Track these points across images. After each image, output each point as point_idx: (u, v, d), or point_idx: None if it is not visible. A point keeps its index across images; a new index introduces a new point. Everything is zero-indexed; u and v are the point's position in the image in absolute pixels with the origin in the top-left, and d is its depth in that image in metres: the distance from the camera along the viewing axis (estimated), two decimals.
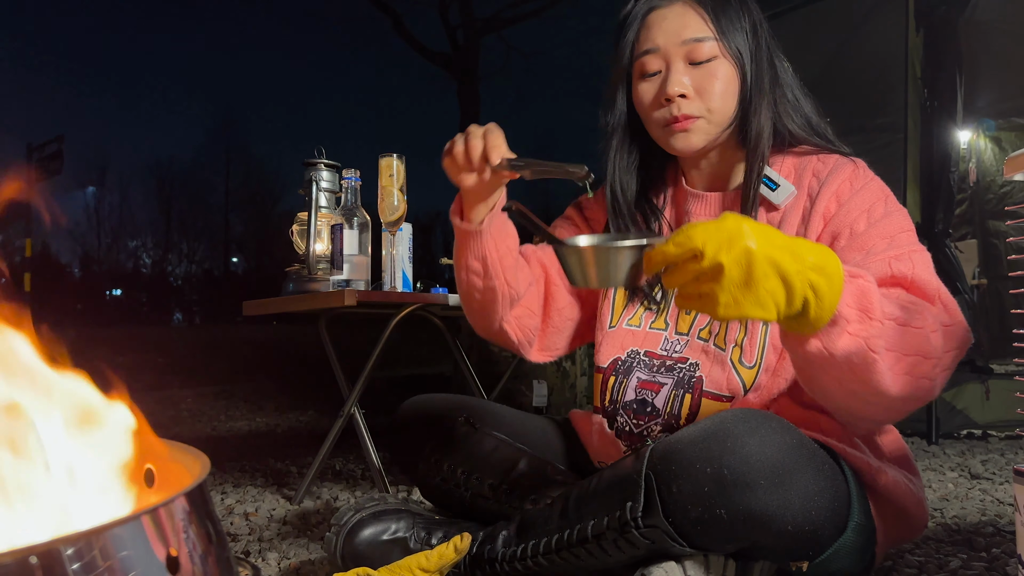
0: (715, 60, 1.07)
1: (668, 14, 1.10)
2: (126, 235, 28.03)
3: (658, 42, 1.09)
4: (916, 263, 0.94)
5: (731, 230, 0.70)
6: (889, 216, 1.00)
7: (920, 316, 0.83)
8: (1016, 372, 1.14)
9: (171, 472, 0.74)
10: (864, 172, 1.06)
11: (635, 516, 0.86)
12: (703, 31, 1.07)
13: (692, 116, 1.08)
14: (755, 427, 0.84)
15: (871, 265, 0.94)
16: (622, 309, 1.20)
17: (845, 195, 1.03)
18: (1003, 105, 3.93)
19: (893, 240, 0.97)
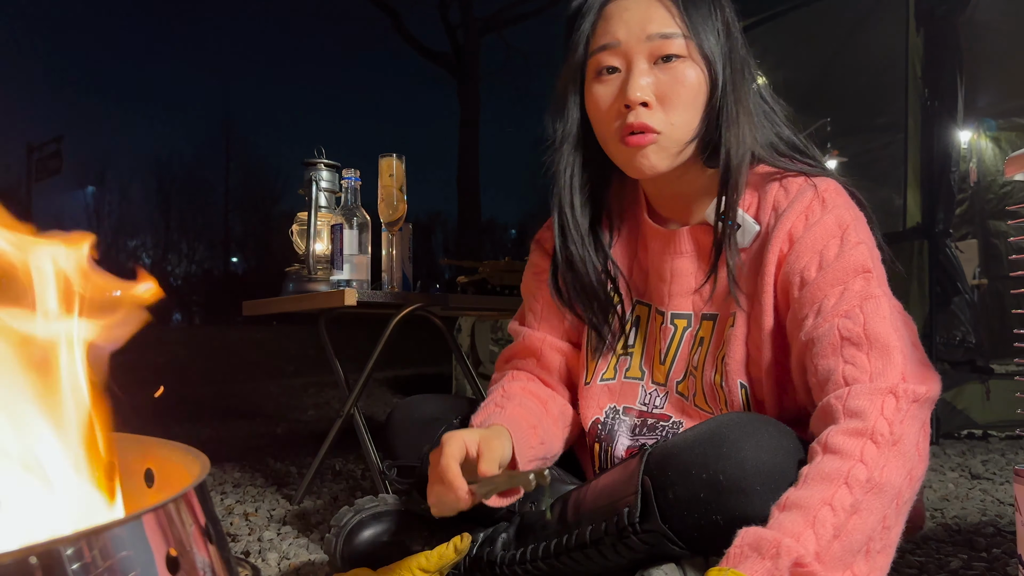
0: (683, 61, 0.94)
1: (630, 4, 0.95)
2: (126, 235, 28.05)
3: (618, 35, 0.94)
4: (867, 315, 0.85)
5: None
6: (844, 256, 0.88)
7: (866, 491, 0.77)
8: (1016, 372, 1.14)
9: (171, 472, 0.74)
10: (824, 201, 0.92)
11: (633, 521, 0.86)
12: (671, 26, 0.93)
13: (651, 129, 0.93)
14: (751, 432, 0.83)
15: (820, 332, 0.86)
16: (595, 362, 1.09)
17: (798, 232, 0.92)
18: (1003, 105, 3.94)
19: (845, 291, 0.87)
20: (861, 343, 0.84)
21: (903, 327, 0.87)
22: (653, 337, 1.07)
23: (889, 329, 0.84)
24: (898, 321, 0.87)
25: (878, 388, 0.81)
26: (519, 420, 1.00)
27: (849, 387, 0.82)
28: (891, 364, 0.82)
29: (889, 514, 0.77)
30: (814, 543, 0.73)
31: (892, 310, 0.87)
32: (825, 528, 0.74)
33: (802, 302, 0.90)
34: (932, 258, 2.88)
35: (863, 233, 0.92)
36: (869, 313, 0.85)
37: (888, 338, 0.84)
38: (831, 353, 0.85)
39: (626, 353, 1.09)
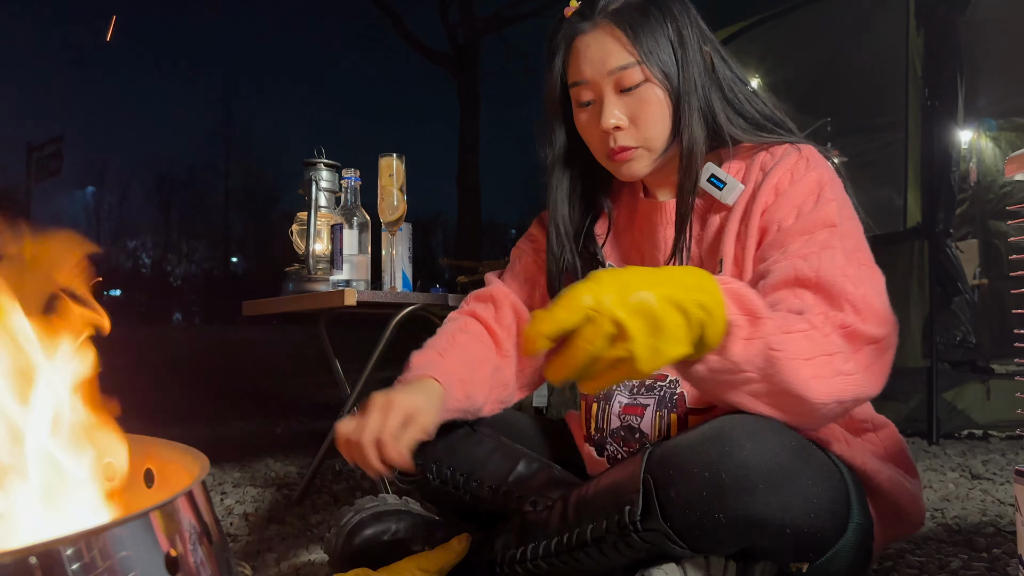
0: (643, 85, 1.06)
1: (591, 42, 1.08)
2: (126, 235, 28.04)
3: (586, 74, 1.08)
4: (823, 262, 0.90)
5: (616, 283, 0.71)
6: (817, 210, 0.97)
7: (805, 319, 0.83)
8: (1017, 372, 1.14)
9: (171, 472, 0.74)
10: (808, 161, 1.03)
11: (634, 520, 0.86)
12: (625, 58, 1.05)
13: (629, 147, 1.07)
14: (752, 431, 0.83)
15: (779, 266, 0.92)
16: None
17: (784, 186, 1.01)
18: (1004, 105, 3.94)
19: (811, 238, 0.94)
20: (810, 285, 0.89)
21: (863, 280, 0.90)
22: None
23: (841, 278, 0.88)
24: (853, 271, 0.90)
25: (827, 321, 0.85)
26: (452, 373, 1.08)
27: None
28: (837, 307, 0.87)
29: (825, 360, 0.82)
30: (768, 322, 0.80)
31: (849, 263, 0.91)
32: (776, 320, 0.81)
33: (771, 245, 0.98)
34: (932, 258, 2.88)
35: (838, 192, 1.00)
36: (825, 261, 0.90)
37: (840, 285, 0.88)
38: (783, 286, 0.91)
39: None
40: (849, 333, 0.85)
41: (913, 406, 2.87)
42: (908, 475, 1.05)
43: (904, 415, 2.89)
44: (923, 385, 2.81)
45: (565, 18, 1.13)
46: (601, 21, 1.08)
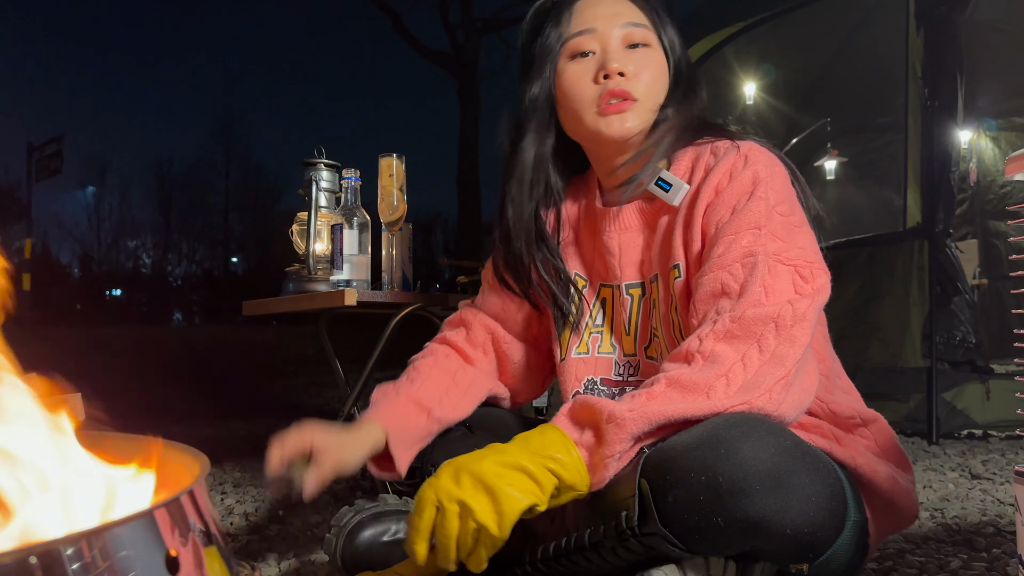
0: (649, 48, 1.08)
1: (600, 1, 1.10)
2: (126, 235, 28.04)
3: (594, 23, 1.08)
4: (744, 271, 0.94)
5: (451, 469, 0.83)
6: (746, 211, 0.98)
7: (666, 379, 0.88)
8: (1017, 372, 1.14)
9: (171, 472, 0.74)
10: (746, 158, 1.02)
11: (631, 525, 0.85)
12: (640, 17, 1.08)
13: (631, 95, 1.05)
14: (748, 432, 0.83)
15: (704, 281, 0.96)
16: (568, 340, 1.18)
17: (723, 184, 1.02)
18: (1004, 105, 3.95)
19: (732, 243, 0.96)
20: (732, 295, 0.94)
21: (776, 278, 0.93)
22: (617, 313, 1.15)
23: (757, 285, 0.92)
24: (768, 277, 0.93)
25: (711, 322, 0.92)
26: (406, 408, 1.11)
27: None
28: (739, 305, 0.92)
29: (694, 399, 0.87)
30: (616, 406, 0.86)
31: (767, 264, 0.94)
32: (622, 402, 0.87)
33: (708, 248, 1.00)
34: (932, 258, 2.88)
35: (772, 187, 1.00)
36: (747, 271, 0.94)
37: (751, 291, 0.92)
38: (709, 300, 0.96)
39: (597, 332, 1.17)
40: (741, 323, 0.90)
41: (913, 406, 2.87)
42: (901, 469, 1.05)
43: (904, 415, 2.89)
44: (923, 385, 2.81)
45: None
46: None
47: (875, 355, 3.02)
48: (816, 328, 1.05)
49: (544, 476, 0.84)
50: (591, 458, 0.87)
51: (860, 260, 3.15)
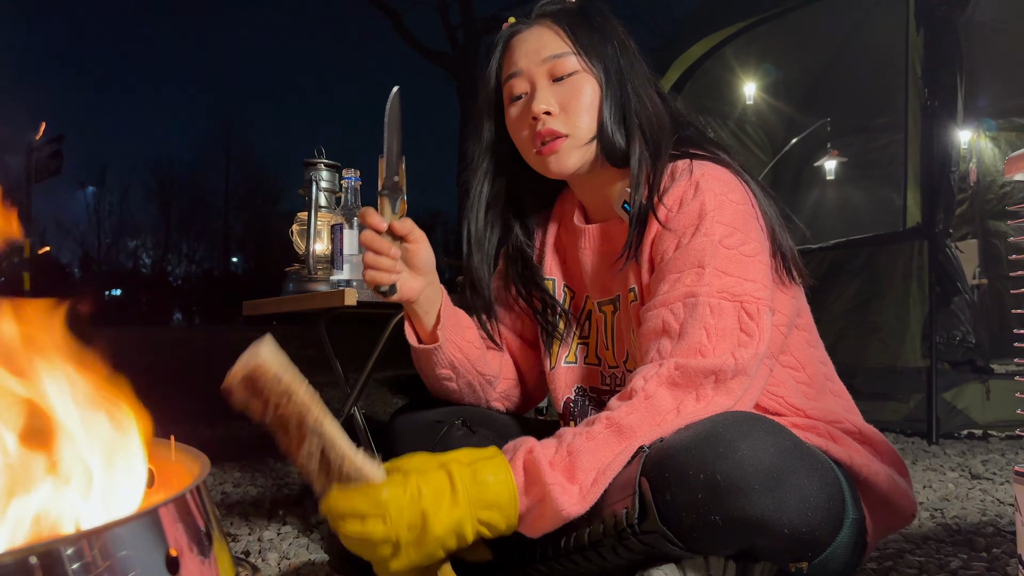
0: (577, 75, 1.08)
1: (527, 37, 1.11)
2: (126, 235, 28.04)
3: (520, 65, 1.10)
4: (686, 311, 0.94)
5: (411, 500, 0.82)
6: (690, 247, 0.97)
7: (605, 418, 0.89)
8: (1017, 372, 1.14)
9: (171, 472, 0.74)
10: (696, 185, 1.00)
11: (631, 524, 0.86)
12: (561, 47, 1.08)
13: (558, 133, 1.07)
14: (747, 431, 0.83)
15: (648, 317, 0.97)
16: (556, 350, 1.21)
17: (671, 213, 1.01)
18: (1003, 105, 3.95)
19: (677, 282, 0.96)
20: (673, 335, 0.94)
21: (720, 319, 0.93)
22: (596, 327, 1.18)
23: (698, 327, 0.93)
24: (710, 318, 0.93)
25: (656, 363, 0.92)
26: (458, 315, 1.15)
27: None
28: (681, 349, 0.93)
29: (626, 446, 0.88)
30: (552, 452, 0.87)
31: (709, 304, 0.93)
32: (563, 447, 0.87)
33: (652, 282, 1.01)
34: (932, 258, 2.88)
35: (719, 219, 0.98)
36: (688, 312, 0.94)
37: (692, 334, 0.93)
38: (652, 338, 0.96)
39: (583, 343, 1.20)
40: (683, 370, 0.90)
41: (913, 406, 2.87)
42: (895, 469, 1.06)
43: (904, 415, 2.89)
44: (923, 385, 2.81)
45: (501, 30, 1.16)
46: (538, 20, 1.12)
47: (875, 355, 3.02)
48: (794, 336, 1.07)
49: (471, 538, 0.85)
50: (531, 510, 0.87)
51: (860, 260, 3.15)
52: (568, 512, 0.84)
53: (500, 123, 1.17)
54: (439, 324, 1.11)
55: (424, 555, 0.83)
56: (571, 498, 0.84)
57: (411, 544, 0.82)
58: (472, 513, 0.84)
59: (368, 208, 1.05)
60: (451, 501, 0.83)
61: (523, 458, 0.87)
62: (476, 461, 0.87)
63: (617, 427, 0.88)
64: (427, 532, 0.82)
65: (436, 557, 0.85)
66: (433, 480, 0.84)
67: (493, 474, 0.86)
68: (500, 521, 0.86)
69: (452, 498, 0.84)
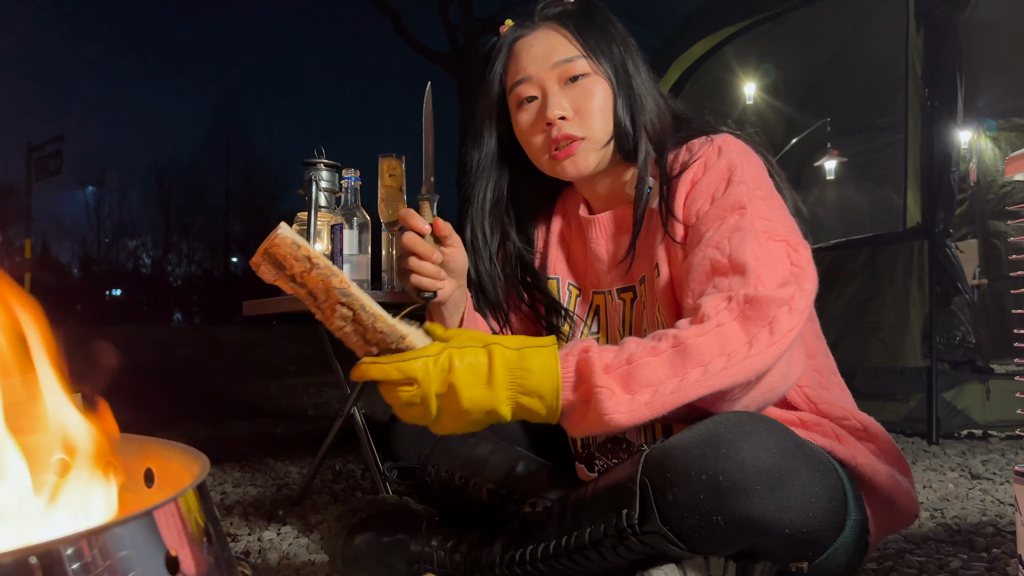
0: (588, 77, 1.08)
1: (534, 41, 1.11)
2: (126, 235, 28.02)
3: (529, 70, 1.10)
4: (733, 246, 0.94)
5: (440, 371, 0.82)
6: (727, 195, 0.99)
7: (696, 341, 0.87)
8: (1017, 372, 1.14)
9: (171, 472, 0.74)
10: (719, 149, 1.04)
11: (632, 524, 0.86)
12: (570, 51, 1.09)
13: (574, 137, 1.08)
14: (749, 431, 0.83)
15: (696, 261, 0.96)
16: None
17: (699, 176, 1.03)
18: (1004, 105, 3.95)
19: (722, 223, 0.97)
20: (725, 271, 0.93)
21: (769, 253, 0.94)
22: (612, 319, 1.17)
23: (748, 256, 0.92)
24: (761, 250, 0.93)
25: (723, 296, 0.91)
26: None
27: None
28: (747, 284, 0.91)
29: (690, 373, 0.85)
30: (611, 357, 0.86)
31: (758, 241, 0.94)
32: (623, 354, 0.86)
33: (692, 236, 1.01)
34: (932, 258, 2.88)
35: (748, 173, 1.01)
36: (735, 245, 0.94)
37: (749, 264, 0.92)
38: (704, 280, 0.95)
39: (593, 339, 1.13)
40: (753, 302, 0.88)
41: (913, 406, 2.87)
42: (899, 470, 1.05)
43: (904, 415, 2.89)
44: (923, 385, 2.81)
45: (500, 34, 1.16)
46: (542, 23, 1.12)
47: (875, 355, 3.02)
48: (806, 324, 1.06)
49: (507, 417, 0.86)
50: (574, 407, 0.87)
51: (860, 260, 3.15)
52: (612, 418, 0.83)
53: (503, 130, 1.17)
54: (462, 325, 1.12)
55: (464, 423, 0.85)
56: (619, 405, 0.83)
57: (446, 413, 0.84)
58: (510, 396, 0.85)
59: (409, 210, 1.05)
60: (485, 380, 0.84)
61: (577, 356, 0.87)
62: (525, 347, 0.87)
63: (683, 347, 0.86)
64: (458, 405, 0.83)
65: (478, 425, 0.86)
66: (469, 356, 0.84)
67: (540, 363, 0.85)
68: (540, 409, 0.86)
69: (487, 377, 0.84)
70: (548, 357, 0.86)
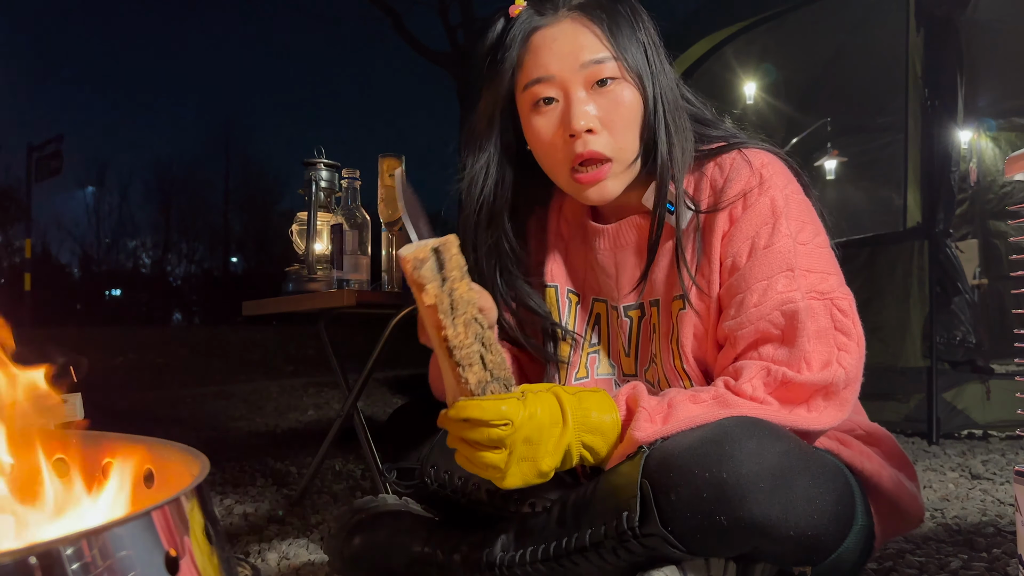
0: (617, 82, 0.96)
1: (557, 34, 0.97)
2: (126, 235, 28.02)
3: (551, 69, 0.96)
4: (787, 319, 0.91)
5: (529, 415, 0.83)
6: (769, 250, 0.93)
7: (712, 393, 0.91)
8: (1017, 372, 1.14)
9: (171, 472, 0.74)
10: (761, 178, 0.95)
11: (632, 526, 0.85)
12: (601, 50, 0.95)
13: (602, 157, 0.96)
14: (752, 432, 0.83)
15: (743, 332, 0.93)
16: (565, 372, 1.13)
17: (738, 213, 0.96)
18: (1004, 105, 3.94)
19: (767, 289, 0.92)
20: (775, 341, 0.92)
21: (819, 313, 0.92)
22: (614, 333, 1.12)
23: (801, 336, 0.90)
24: (810, 324, 0.91)
25: (763, 369, 0.91)
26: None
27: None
28: (788, 357, 0.91)
29: (722, 411, 0.87)
30: (655, 401, 0.90)
31: (808, 311, 0.91)
32: (664, 399, 0.90)
33: (730, 288, 0.95)
34: (932, 258, 2.88)
35: (792, 213, 0.95)
36: (788, 318, 0.91)
37: (797, 342, 0.90)
38: (751, 348, 0.93)
39: (593, 351, 1.14)
40: (790, 386, 0.89)
41: (913, 406, 2.87)
42: (905, 473, 1.05)
43: (904, 415, 2.89)
44: (923, 385, 2.81)
45: (511, 16, 1.01)
46: (567, 13, 0.98)
47: (875, 355, 2.99)
48: None
49: (576, 456, 0.89)
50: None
51: (860, 260, 3.15)
52: (636, 435, 0.87)
53: (508, 130, 1.05)
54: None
55: (533, 473, 0.85)
56: (649, 427, 0.87)
57: (523, 460, 0.84)
58: (578, 436, 0.87)
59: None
60: (562, 423, 0.86)
61: (627, 395, 0.91)
62: (580, 391, 0.90)
63: (724, 402, 0.89)
64: (540, 448, 0.84)
65: (543, 476, 0.86)
66: (546, 401, 0.86)
67: (597, 403, 0.89)
68: (602, 447, 0.89)
69: (563, 420, 0.86)
70: (604, 398, 0.90)
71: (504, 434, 0.82)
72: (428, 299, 0.81)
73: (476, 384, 0.83)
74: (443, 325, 0.81)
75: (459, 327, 0.82)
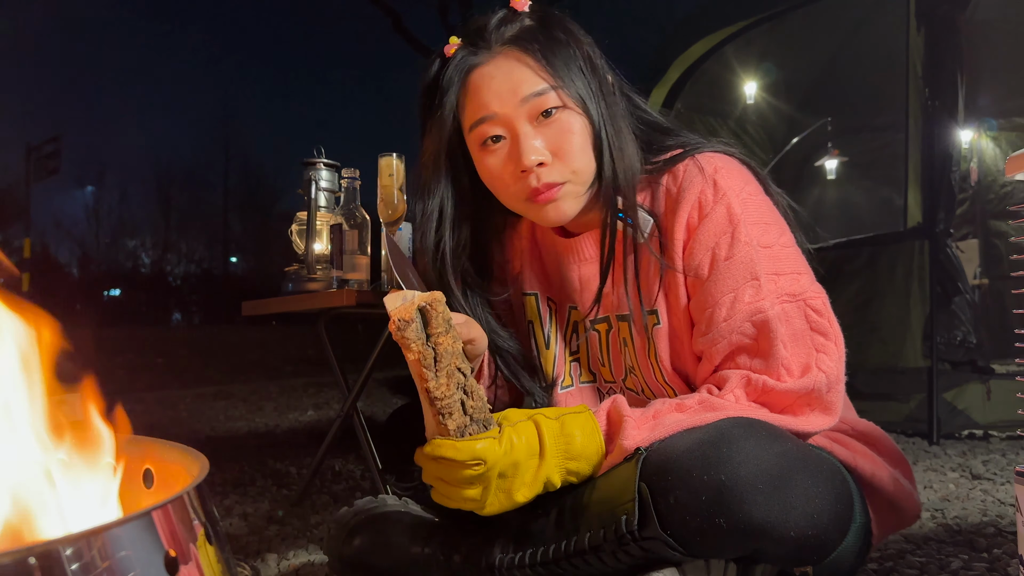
0: (561, 110, 0.95)
1: (494, 72, 0.96)
2: (125, 235, 28.04)
3: (493, 107, 0.96)
4: (758, 330, 0.91)
5: (504, 452, 0.83)
6: (734, 261, 0.92)
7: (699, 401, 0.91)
8: (1018, 372, 1.14)
9: (170, 473, 0.73)
10: (715, 185, 0.94)
11: (631, 529, 0.85)
12: (538, 83, 0.94)
13: (556, 183, 0.96)
14: (750, 433, 0.83)
15: (716, 347, 0.93)
16: (551, 376, 1.14)
17: (694, 222, 0.95)
18: (1004, 104, 3.94)
19: (735, 302, 0.92)
20: (751, 352, 0.92)
21: (795, 314, 0.91)
22: (592, 342, 1.12)
23: (775, 344, 0.90)
24: (783, 329, 0.91)
25: (743, 379, 0.91)
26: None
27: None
28: (766, 366, 0.91)
29: (708, 415, 0.88)
30: (639, 411, 0.90)
31: (780, 316, 0.91)
32: (649, 410, 0.90)
33: (698, 303, 0.95)
34: (933, 258, 2.88)
35: (750, 222, 0.93)
36: (759, 328, 0.91)
37: (773, 351, 0.90)
38: (728, 360, 0.94)
39: (574, 360, 1.15)
40: (771, 394, 0.90)
41: (913, 406, 2.87)
42: (900, 470, 1.05)
43: (904, 415, 2.89)
44: (923, 385, 2.81)
45: (447, 57, 1.01)
46: (500, 48, 0.97)
47: (875, 355, 3.01)
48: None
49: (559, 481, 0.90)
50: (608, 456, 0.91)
51: (860, 260, 3.15)
52: (624, 443, 0.87)
53: (460, 171, 1.05)
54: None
55: (512, 502, 0.87)
56: (638, 434, 0.87)
57: (501, 492, 0.86)
58: (559, 464, 0.88)
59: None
60: (538, 453, 0.87)
61: (607, 408, 0.91)
62: (563, 415, 0.90)
63: (711, 406, 0.89)
64: (517, 481, 0.86)
65: (527, 500, 0.88)
66: (524, 433, 0.86)
67: (580, 426, 0.89)
68: (587, 470, 0.89)
69: (539, 450, 0.87)
70: (587, 419, 0.90)
71: (476, 473, 0.83)
72: (411, 356, 0.83)
73: (455, 430, 0.84)
74: (426, 378, 0.83)
75: (441, 379, 0.83)
